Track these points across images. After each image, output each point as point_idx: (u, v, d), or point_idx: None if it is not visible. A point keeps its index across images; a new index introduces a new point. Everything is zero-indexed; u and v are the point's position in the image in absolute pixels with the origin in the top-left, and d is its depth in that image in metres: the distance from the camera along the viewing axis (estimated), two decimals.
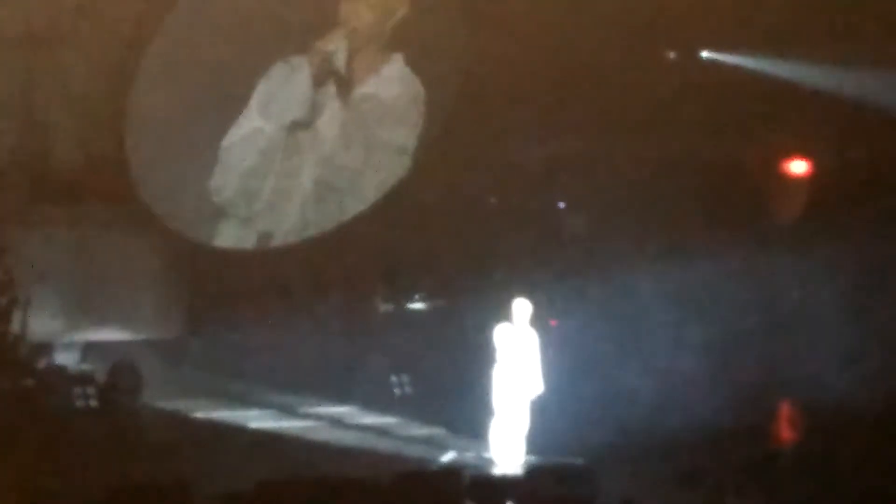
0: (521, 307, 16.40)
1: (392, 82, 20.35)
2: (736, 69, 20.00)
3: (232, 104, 20.14)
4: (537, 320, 19.08)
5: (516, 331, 15.80)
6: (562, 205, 21.25)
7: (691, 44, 20.39)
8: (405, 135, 20.35)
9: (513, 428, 15.57)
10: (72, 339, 19.43)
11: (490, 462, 15.36)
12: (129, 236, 20.04)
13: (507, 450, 15.50)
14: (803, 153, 20.52)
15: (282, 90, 20.15)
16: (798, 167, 20.60)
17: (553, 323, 19.92)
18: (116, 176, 19.78)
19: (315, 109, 20.24)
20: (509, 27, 19.81)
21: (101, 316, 19.81)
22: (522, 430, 15.60)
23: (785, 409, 17.74)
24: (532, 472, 12.23)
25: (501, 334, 15.65)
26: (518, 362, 15.60)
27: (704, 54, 20.38)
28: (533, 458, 15.00)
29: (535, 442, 15.40)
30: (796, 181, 20.60)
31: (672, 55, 20.52)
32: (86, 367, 18.59)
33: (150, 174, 19.99)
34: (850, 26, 19.17)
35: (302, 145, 20.32)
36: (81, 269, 19.72)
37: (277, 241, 20.27)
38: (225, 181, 20.30)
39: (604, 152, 20.13)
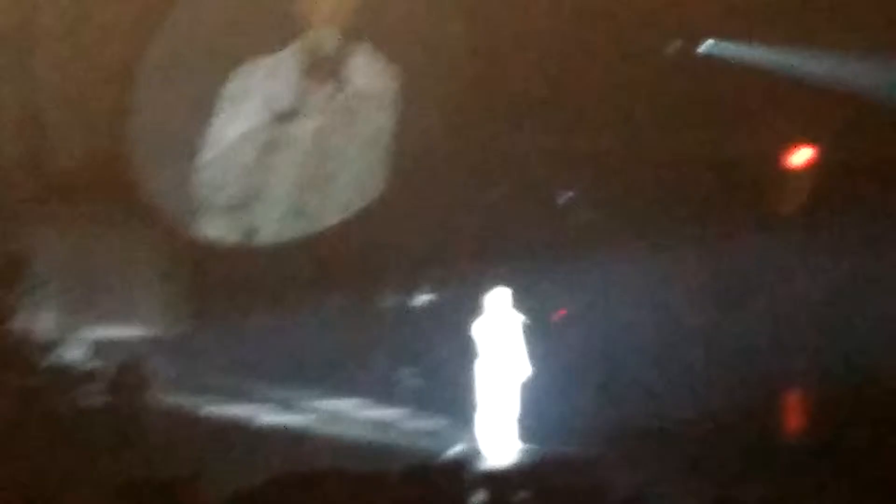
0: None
1: (365, 69, 20.36)
2: (737, 60, 19.99)
3: (230, 100, 20.19)
4: (543, 312, 19.11)
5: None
6: (567, 196, 21.25)
7: (692, 35, 20.38)
8: (383, 118, 20.37)
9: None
10: (78, 336, 19.44)
11: (497, 454, 15.35)
12: (133, 233, 20.07)
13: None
14: (807, 144, 20.52)
15: (273, 84, 20.18)
16: (803, 157, 20.59)
17: (559, 314, 19.94)
18: (120, 173, 19.78)
19: (302, 101, 20.29)
20: (509, 18, 19.82)
21: (107, 313, 19.83)
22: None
23: (791, 399, 17.76)
24: (540, 463, 12.23)
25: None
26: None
27: (705, 46, 20.37)
28: (540, 450, 15.00)
29: (542, 433, 15.40)
30: (800, 172, 20.60)
31: (673, 47, 20.51)
32: (92, 364, 18.59)
33: (153, 170, 20.01)
34: (851, 15, 19.17)
35: (286, 137, 20.36)
36: (86, 266, 19.75)
37: (268, 232, 20.34)
38: (228, 179, 20.35)
39: (609, 144, 20.13)
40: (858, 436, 14.19)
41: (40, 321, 18.80)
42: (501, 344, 15.46)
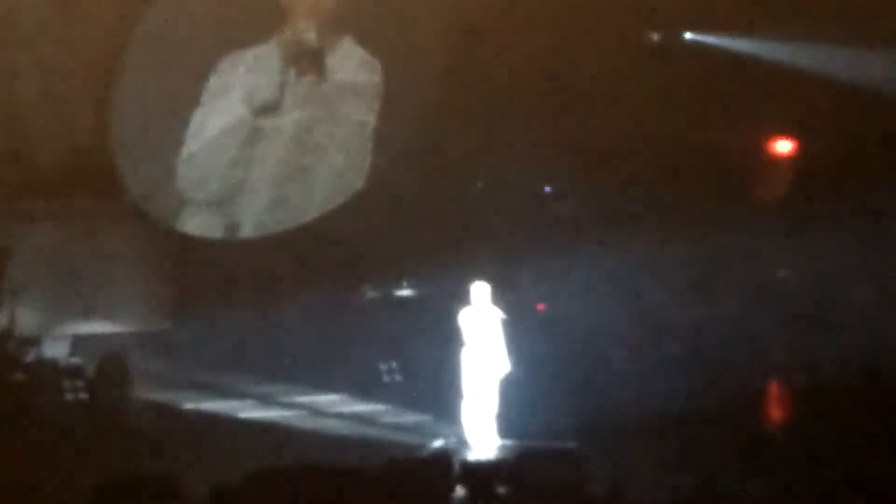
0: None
1: (346, 61, 20.35)
2: (719, 51, 20.02)
3: (211, 93, 20.17)
4: (525, 305, 19.13)
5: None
6: (548, 189, 21.28)
7: (675, 27, 20.40)
8: (364, 110, 20.36)
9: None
10: (60, 332, 19.42)
11: (479, 448, 15.36)
12: (115, 229, 20.05)
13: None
14: (787, 134, 20.57)
15: (255, 78, 20.16)
16: (782, 148, 20.65)
17: (540, 307, 19.97)
18: (102, 170, 19.76)
19: (284, 94, 20.27)
20: (491, 11, 19.82)
21: (89, 309, 19.82)
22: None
23: (772, 392, 17.79)
24: (522, 457, 12.21)
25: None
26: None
27: (688, 36, 20.40)
28: (522, 443, 15.00)
29: (525, 427, 15.41)
30: (781, 162, 20.65)
31: (656, 38, 20.53)
32: (75, 360, 18.57)
33: (135, 167, 19.98)
34: (839, 6, 19.22)
35: (267, 130, 20.33)
36: (69, 262, 19.72)
37: (249, 226, 20.32)
38: (209, 173, 20.32)
39: (590, 136, 20.14)
40: (840, 428, 14.21)
41: (22, 317, 18.78)
42: (483, 339, 15.46)
